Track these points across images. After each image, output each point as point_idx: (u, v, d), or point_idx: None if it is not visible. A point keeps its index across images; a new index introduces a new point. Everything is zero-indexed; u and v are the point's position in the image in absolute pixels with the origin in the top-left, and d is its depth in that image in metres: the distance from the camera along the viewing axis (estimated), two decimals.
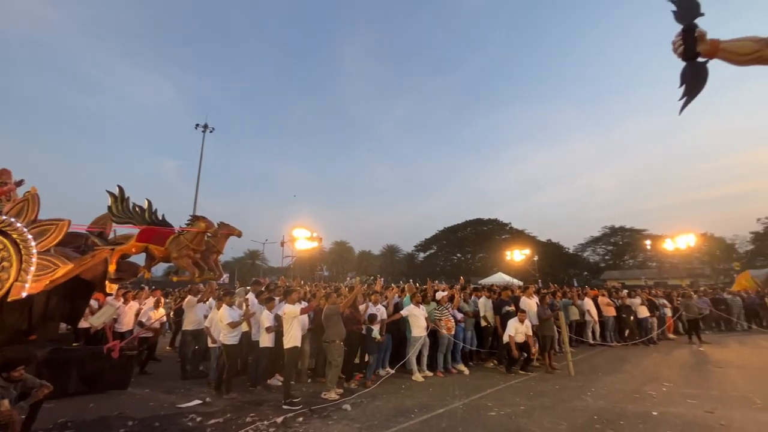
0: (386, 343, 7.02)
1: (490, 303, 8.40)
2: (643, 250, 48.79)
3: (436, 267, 60.13)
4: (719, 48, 6.73)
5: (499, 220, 59.95)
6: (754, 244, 42.86)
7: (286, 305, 5.68)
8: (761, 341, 11.46)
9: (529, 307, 8.07)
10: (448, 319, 7.22)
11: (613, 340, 10.60)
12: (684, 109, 7.44)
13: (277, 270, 49.07)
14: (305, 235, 31.50)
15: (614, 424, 4.45)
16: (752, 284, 20.57)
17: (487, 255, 54.97)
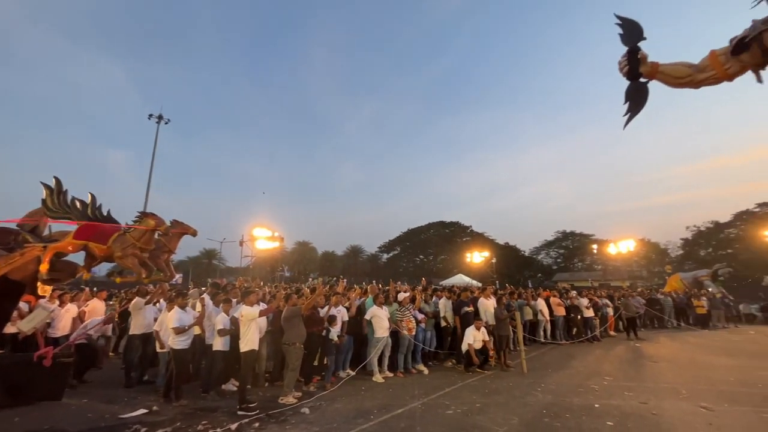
0: (347, 345, 6.98)
1: (450, 304, 8.62)
2: (590, 254, 52.42)
3: (399, 268, 60.77)
4: (658, 70, 7.34)
5: (461, 223, 61.83)
6: (683, 250, 47.49)
7: (244, 307, 5.48)
8: (688, 337, 12.71)
9: (487, 307, 8.37)
10: (409, 320, 7.31)
11: (562, 338, 11.26)
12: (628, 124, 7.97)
13: (235, 270, 47.21)
14: (266, 235, 30.59)
15: (560, 417, 4.72)
16: (681, 286, 22.76)
17: (448, 257, 56.40)
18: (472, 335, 7.40)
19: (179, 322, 5.46)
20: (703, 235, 45.75)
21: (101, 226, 4.96)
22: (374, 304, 7.12)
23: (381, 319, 6.91)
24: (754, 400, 5.32)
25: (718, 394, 5.69)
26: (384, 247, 64.28)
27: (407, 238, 62.73)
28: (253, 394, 5.66)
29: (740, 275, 26.76)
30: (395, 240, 63.60)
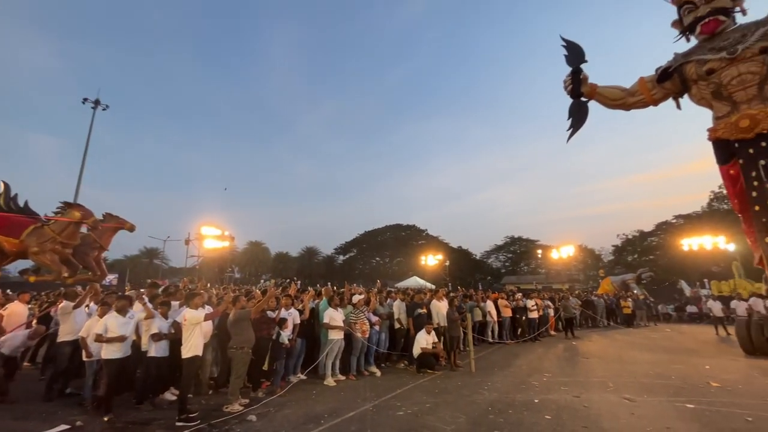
0: (298, 348, 6.80)
1: (403, 306, 8.74)
2: (535, 258, 55.81)
3: (356, 270, 60.49)
4: (596, 91, 8.17)
5: (417, 227, 63.04)
6: (614, 255, 52.23)
7: (188, 310, 5.12)
8: (616, 335, 13.99)
9: (439, 309, 8.61)
10: (363, 322, 7.30)
11: (508, 338, 11.87)
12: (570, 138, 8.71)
13: (179, 271, 44.19)
14: (215, 234, 29.00)
15: (504, 413, 4.96)
16: (612, 288, 25.03)
17: (404, 259, 57.17)
18: (425, 339, 7.57)
19: (118, 329, 4.94)
20: (630, 243, 50.68)
21: (12, 218, 4.37)
22: (330, 307, 7.02)
23: (336, 322, 6.83)
24: (669, 391, 5.97)
25: (640, 386, 6.31)
26: (340, 248, 63.71)
27: (364, 240, 62.72)
28: (195, 404, 5.31)
29: (660, 279, 30.04)
30: (352, 242, 63.30)
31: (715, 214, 39.18)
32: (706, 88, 10.78)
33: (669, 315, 22.52)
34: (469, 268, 56.66)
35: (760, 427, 4.26)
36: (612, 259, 51.82)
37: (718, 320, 14.93)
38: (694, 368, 7.80)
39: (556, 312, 14.11)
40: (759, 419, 4.52)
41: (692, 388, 6.16)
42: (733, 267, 24.46)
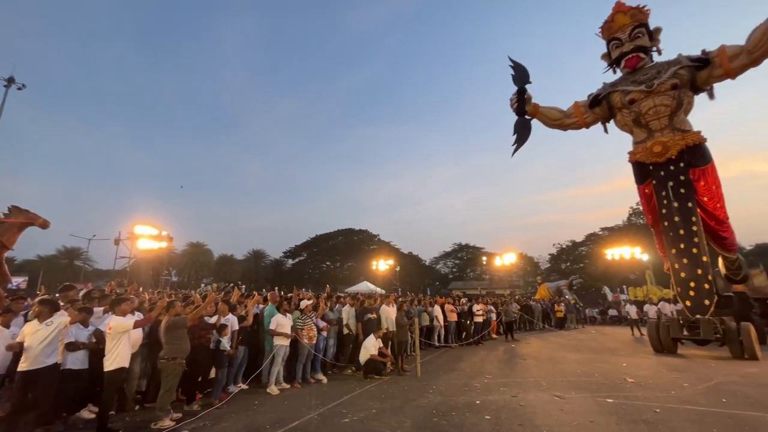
0: (240, 357, 6.44)
1: (353, 311, 8.68)
2: (480, 265, 58.63)
3: (305, 274, 59.14)
4: (539, 111, 8.87)
5: (369, 231, 63.32)
6: (550, 263, 56.61)
7: (114, 317, 4.64)
8: (550, 337, 15.09)
9: (389, 314, 8.68)
10: (310, 328, 7.12)
11: (453, 342, 12.28)
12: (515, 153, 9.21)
13: (105, 273, 40.03)
14: (151, 233, 26.72)
15: (447, 415, 5.10)
16: (547, 294, 27.00)
17: (355, 264, 57.02)
18: (373, 344, 7.57)
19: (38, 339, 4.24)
20: (563, 252, 55.27)
21: None
22: (278, 312, 6.75)
23: (283, 328, 6.58)
24: (592, 387, 6.54)
25: (568, 384, 6.85)
26: (289, 252, 61.97)
27: (315, 243, 61.60)
28: (118, 421, 4.80)
29: (588, 285, 33.03)
30: (302, 245, 61.86)
31: (633, 227, 44.10)
32: (628, 116, 12.23)
33: (594, 318, 24.81)
34: (418, 273, 58.00)
35: (666, 417, 4.82)
36: (548, 267, 56.10)
37: (633, 322, 16.73)
38: (614, 366, 8.64)
39: (498, 316, 14.89)
40: (665, 410, 5.11)
41: (612, 384, 6.81)
42: (646, 275, 27.66)
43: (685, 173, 10.25)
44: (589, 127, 12.31)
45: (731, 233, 10.97)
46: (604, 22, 11.94)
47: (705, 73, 10.25)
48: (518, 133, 12.94)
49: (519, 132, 12.93)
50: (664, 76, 10.48)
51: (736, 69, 9.88)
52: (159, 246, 27.88)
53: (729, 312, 10.12)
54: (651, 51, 11.49)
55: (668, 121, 10.58)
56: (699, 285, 9.86)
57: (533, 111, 12.59)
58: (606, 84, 11.80)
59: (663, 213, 10.61)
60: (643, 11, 11.44)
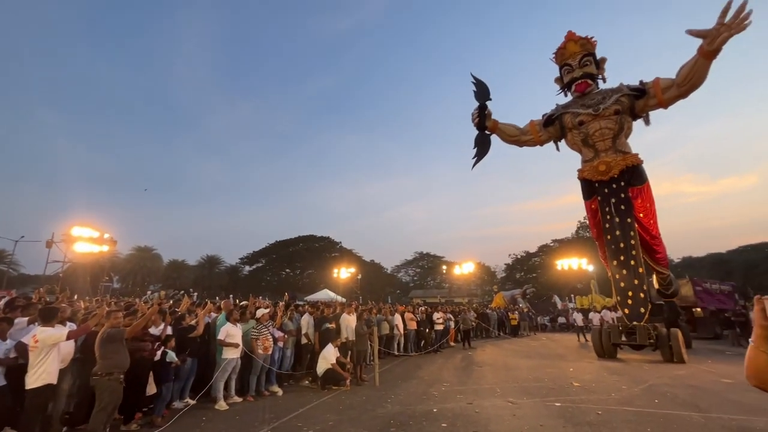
0: (188, 369, 6.03)
1: (312, 320, 8.47)
2: (440, 273, 59.84)
3: (263, 282, 57.05)
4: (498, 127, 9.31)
5: (331, 239, 62.46)
6: (506, 273, 59.02)
7: (40, 329, 4.16)
8: (504, 344, 15.64)
9: (349, 323, 8.56)
10: (266, 338, 6.83)
11: (412, 350, 12.35)
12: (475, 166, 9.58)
13: (34, 279, 36.13)
14: (90, 236, 24.56)
15: (405, 425, 5.09)
16: (503, 302, 28.03)
17: (316, 271, 55.94)
18: (332, 353, 7.42)
19: None
20: (518, 262, 57.90)
21: None
22: (228, 322, 6.42)
23: (233, 338, 6.25)
24: (542, 392, 6.84)
25: (521, 389, 7.12)
26: (247, 258, 59.49)
27: (274, 250, 59.68)
28: None
29: (540, 294, 34.81)
30: (260, 251, 59.67)
31: (581, 240, 47.19)
32: (578, 136, 13.15)
33: (545, 325, 26.11)
34: (380, 281, 58.01)
35: (607, 419, 5.14)
36: (504, 276, 58.39)
37: (579, 329, 17.81)
38: (562, 371, 9.11)
39: (456, 324, 15.21)
40: (606, 412, 5.45)
41: (560, 388, 7.16)
42: (591, 284, 29.62)
43: (625, 191, 11.20)
44: (543, 144, 13.15)
45: (663, 247, 12.08)
46: (558, 48, 12.87)
47: (642, 102, 11.32)
48: (478, 147, 13.58)
49: (479, 146, 13.57)
50: (608, 102, 11.46)
51: (668, 100, 11.01)
52: (100, 250, 25.63)
53: (660, 319, 11.08)
54: (597, 78, 12.54)
55: (612, 143, 11.54)
56: (636, 294, 10.72)
57: (493, 126, 13.27)
58: (558, 105, 12.70)
59: (606, 227, 11.49)
60: (590, 42, 12.48)
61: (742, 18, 8.91)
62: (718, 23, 9.10)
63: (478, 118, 13.05)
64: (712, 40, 9.26)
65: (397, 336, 11.79)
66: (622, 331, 10.82)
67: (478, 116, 13.06)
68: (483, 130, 13.30)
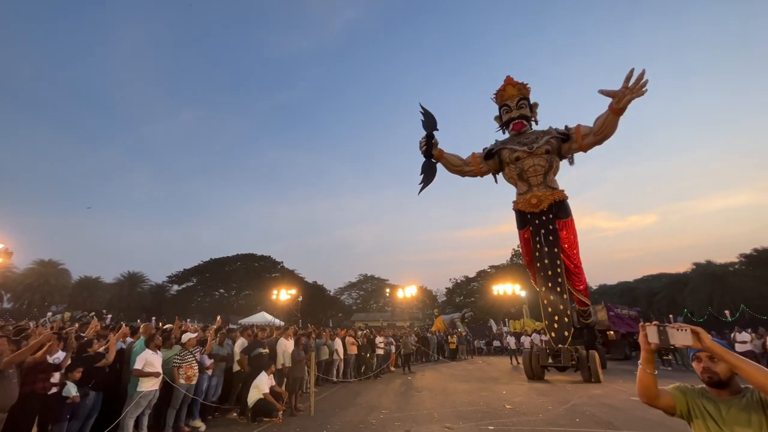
0: (90, 405, 5.20)
1: (245, 344, 7.89)
2: (384, 296, 59.90)
3: (192, 303, 52.45)
4: (443, 156, 9.85)
5: (273, 258, 59.75)
6: (447, 297, 60.80)
7: None
8: (443, 368, 15.86)
9: (286, 348, 8.12)
10: (190, 366, 6.19)
11: (352, 376, 11.99)
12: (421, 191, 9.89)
13: None
14: None
15: None
16: (443, 326, 28.60)
17: (253, 292, 52.84)
18: (266, 382, 6.90)
19: None
20: (458, 286, 60.08)
21: None
22: (147, 348, 5.71)
23: (152, 367, 5.56)
24: (477, 416, 6.99)
25: (457, 414, 7.20)
26: (175, 276, 54.43)
27: (208, 268, 55.43)
28: None
29: (477, 318, 36.23)
30: (192, 270, 55.01)
31: (515, 266, 50.43)
32: (514, 170, 14.29)
33: (482, 349, 27.06)
34: (322, 304, 56.36)
35: None
36: (445, 300, 60.04)
37: (512, 352, 18.71)
38: (495, 394, 9.43)
39: (397, 348, 15.15)
40: None
41: (494, 411, 7.38)
42: (523, 309, 31.60)
43: (553, 223, 12.32)
44: (483, 176, 14.15)
45: (584, 277, 13.36)
46: (497, 90, 14.19)
47: (567, 145, 12.76)
48: (425, 174, 14.22)
49: (425, 173, 14.22)
50: (540, 142, 12.74)
51: (586, 145, 12.53)
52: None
53: (581, 342, 12.08)
54: (531, 120, 13.94)
55: (543, 179, 12.75)
56: (561, 318, 11.63)
57: (439, 155, 14.04)
58: (498, 141, 13.85)
59: (537, 255, 12.46)
60: (526, 87, 13.95)
61: (641, 84, 10.53)
62: (623, 86, 10.65)
63: (426, 146, 13.79)
64: (618, 100, 10.80)
65: (336, 361, 11.40)
66: (549, 354, 11.57)
67: (425, 144, 13.80)
68: (429, 157, 14.03)
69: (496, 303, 41.25)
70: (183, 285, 54.58)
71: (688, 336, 1.61)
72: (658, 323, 1.74)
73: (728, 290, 33.66)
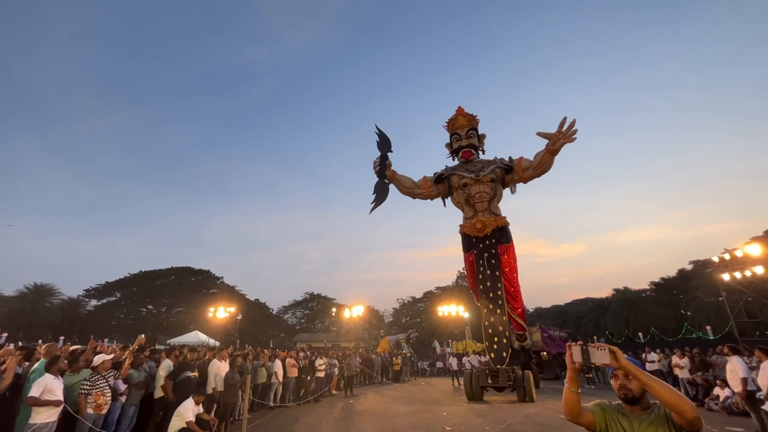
0: None
1: (171, 367, 7.14)
2: (330, 316, 58.32)
3: (113, 320, 46.96)
4: (396, 177, 10.09)
5: (212, 273, 55.78)
6: (393, 317, 60.83)
7: None
8: (386, 390, 15.62)
9: (219, 371, 7.49)
10: (100, 394, 5.43)
11: (291, 400, 11.34)
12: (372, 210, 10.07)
13: None
14: None
15: None
16: (388, 347, 28.45)
17: (186, 309, 48.71)
18: (191, 410, 6.24)
19: None
20: (405, 307, 60.53)
21: None
22: (47, 373, 4.93)
23: (52, 395, 4.79)
24: None
25: None
26: (95, 290, 48.53)
27: (136, 281, 50.20)
28: None
29: (423, 339, 36.54)
30: (116, 283, 49.46)
31: (459, 288, 52.16)
32: (461, 196, 14.96)
33: (425, 370, 27.22)
34: (263, 323, 53.45)
35: None
36: (392, 320, 60.02)
37: (454, 373, 19.04)
38: (436, 416, 9.45)
39: (340, 370, 14.68)
40: None
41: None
42: (466, 330, 32.52)
43: (496, 248, 13.01)
44: (433, 199, 14.68)
45: (521, 299, 14.15)
46: (449, 119, 14.97)
47: (510, 176, 13.72)
48: (377, 193, 14.41)
49: (378, 192, 14.42)
50: (486, 171, 13.57)
51: (526, 177, 13.58)
52: None
53: (518, 362, 12.64)
54: (479, 149, 14.85)
55: (487, 205, 13.51)
56: (500, 340, 12.12)
57: (392, 176, 14.36)
58: (448, 167, 14.51)
59: (480, 278, 13.01)
60: (475, 119, 14.89)
61: (572, 132, 11.72)
62: (557, 131, 11.79)
63: (380, 167, 14.05)
64: (553, 142, 11.94)
65: (274, 384, 10.74)
66: (488, 374, 11.93)
67: (379, 165, 14.07)
68: (383, 178, 14.30)
69: (440, 324, 42.02)
70: (103, 300, 48.72)
71: (606, 355, 1.76)
72: (582, 343, 1.88)
73: (641, 314, 37.60)
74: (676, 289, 40.49)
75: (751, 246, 17.69)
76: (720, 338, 22.37)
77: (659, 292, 42.28)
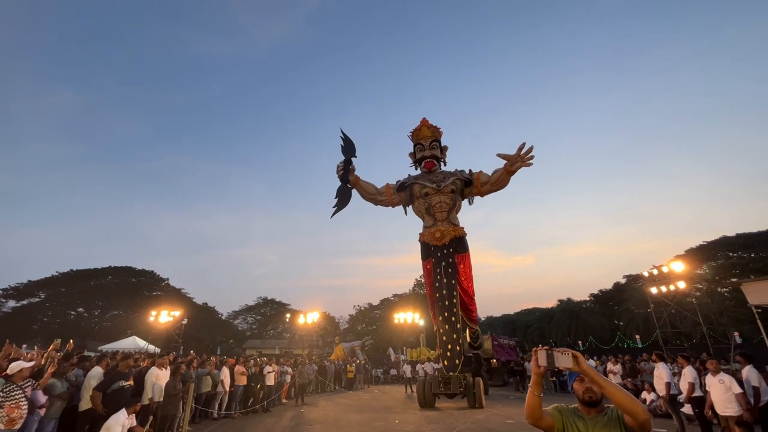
0: None
1: (102, 376, 6.51)
2: (283, 322, 56.46)
3: (35, 324, 42.06)
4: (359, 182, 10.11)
5: (156, 273, 51.91)
6: (349, 324, 60.19)
7: None
8: (339, 398, 15.36)
9: (158, 380, 6.95)
10: (14, 406, 4.80)
11: (237, 410, 10.77)
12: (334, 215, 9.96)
13: None
14: None
15: None
16: (343, 354, 28.07)
17: (123, 313, 44.89)
18: (120, 424, 5.69)
19: None
20: (361, 313, 60.17)
21: None
22: None
23: None
24: None
25: None
26: (13, 290, 43.29)
27: (65, 281, 45.45)
28: None
29: (378, 346, 36.47)
30: (41, 282, 44.45)
31: (416, 296, 52.88)
32: (422, 205, 15.28)
33: (379, 377, 27.16)
34: (211, 329, 50.52)
35: None
36: (347, 327, 59.35)
37: (408, 380, 19.18)
38: (388, 424, 9.43)
39: (292, 378, 14.22)
40: None
41: None
42: (420, 337, 32.94)
43: (453, 257, 13.38)
44: (394, 206, 14.85)
45: (475, 307, 14.64)
46: (414, 129, 15.30)
47: (468, 189, 14.27)
48: (339, 198, 14.30)
49: (340, 197, 14.31)
50: (447, 182, 13.99)
51: (484, 191, 14.20)
52: None
53: (469, 369, 13.01)
54: (441, 161, 15.28)
55: (447, 215, 13.89)
56: (454, 347, 12.41)
57: (354, 181, 14.33)
58: (410, 176, 14.78)
59: (436, 286, 13.28)
60: (439, 131, 15.34)
61: (528, 156, 12.44)
62: (516, 154, 12.46)
63: (343, 171, 13.98)
64: (511, 164, 12.62)
65: (220, 393, 10.16)
66: (441, 382, 12.15)
67: (342, 169, 13.99)
68: (346, 182, 14.22)
69: (396, 331, 42.20)
70: (24, 301, 43.52)
71: (570, 359, 1.87)
72: (547, 348, 1.97)
73: (581, 324, 40.35)
74: (611, 301, 43.96)
75: (675, 263, 19.76)
76: (647, 346, 24.57)
77: (597, 303, 45.69)
